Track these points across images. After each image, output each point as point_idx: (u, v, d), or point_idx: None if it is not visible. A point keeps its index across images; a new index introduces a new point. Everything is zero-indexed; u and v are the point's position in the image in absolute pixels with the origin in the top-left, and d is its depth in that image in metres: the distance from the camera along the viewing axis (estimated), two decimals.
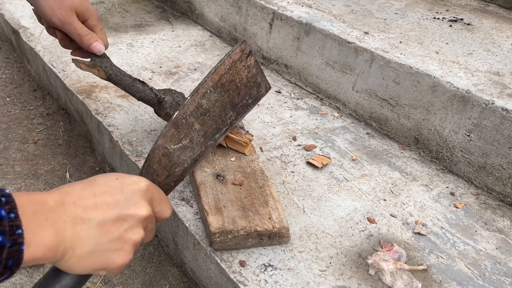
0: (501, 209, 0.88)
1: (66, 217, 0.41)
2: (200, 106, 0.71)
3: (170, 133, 0.66)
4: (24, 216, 0.36)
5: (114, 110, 1.08)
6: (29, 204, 0.38)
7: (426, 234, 0.80)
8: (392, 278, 0.71)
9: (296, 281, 0.69)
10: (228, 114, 0.76)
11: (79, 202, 0.43)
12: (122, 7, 1.72)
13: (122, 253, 0.46)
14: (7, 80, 1.52)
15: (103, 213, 0.44)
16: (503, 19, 1.29)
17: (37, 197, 0.40)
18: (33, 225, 0.37)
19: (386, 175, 0.94)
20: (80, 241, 0.42)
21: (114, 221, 0.45)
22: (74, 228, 0.41)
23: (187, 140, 0.68)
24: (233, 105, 0.77)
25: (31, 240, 0.36)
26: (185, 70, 1.30)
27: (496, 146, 0.88)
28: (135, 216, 0.47)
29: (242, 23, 1.39)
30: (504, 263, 0.76)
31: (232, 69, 0.75)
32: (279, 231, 0.72)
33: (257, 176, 0.81)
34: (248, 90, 0.79)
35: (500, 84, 0.93)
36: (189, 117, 0.69)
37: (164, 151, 0.65)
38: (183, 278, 0.87)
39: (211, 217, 0.71)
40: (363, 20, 1.23)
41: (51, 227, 0.39)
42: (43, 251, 0.38)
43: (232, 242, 0.71)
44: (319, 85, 1.21)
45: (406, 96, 1.01)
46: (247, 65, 0.78)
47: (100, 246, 0.44)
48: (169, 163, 0.66)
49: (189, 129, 0.69)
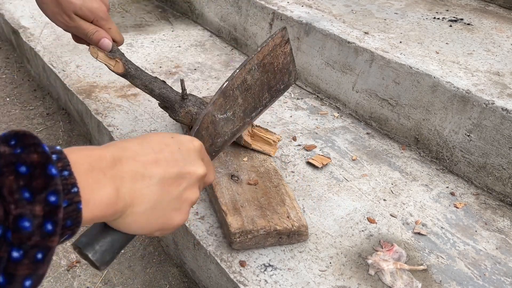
0: (501, 209, 0.88)
1: (125, 173, 0.39)
2: (245, 81, 0.73)
3: (219, 101, 0.68)
4: (80, 173, 0.34)
5: (114, 110, 1.08)
6: (84, 160, 0.36)
7: (426, 234, 0.80)
8: (392, 278, 0.71)
9: (296, 281, 0.69)
10: (264, 95, 0.78)
11: (138, 158, 0.41)
12: (122, 7, 1.72)
13: (180, 212, 0.45)
14: (7, 80, 1.52)
15: (164, 170, 0.42)
16: (503, 19, 1.29)
17: (93, 152, 0.37)
18: (90, 182, 0.35)
19: (386, 175, 0.94)
20: (140, 198, 0.40)
21: (174, 179, 0.43)
22: (134, 185, 0.39)
23: (230, 112, 0.71)
24: (269, 87, 0.79)
25: (89, 198, 0.34)
26: (185, 70, 1.30)
27: (496, 146, 0.88)
28: (193, 175, 0.46)
29: (242, 23, 1.39)
30: (504, 263, 0.76)
31: (273, 51, 0.77)
32: (298, 230, 0.73)
33: (271, 175, 0.82)
34: (282, 75, 0.81)
35: (500, 84, 0.93)
36: (235, 89, 0.71)
37: (212, 119, 0.67)
38: (183, 278, 0.87)
39: (230, 218, 0.71)
40: (363, 20, 1.23)
41: (109, 184, 0.37)
42: (102, 208, 0.36)
43: (251, 242, 0.71)
44: (319, 85, 1.21)
45: (406, 96, 1.01)
46: (284, 51, 0.80)
47: (160, 204, 0.42)
48: (214, 131, 0.67)
49: (234, 102, 0.71)
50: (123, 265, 0.89)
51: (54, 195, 0.30)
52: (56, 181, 0.31)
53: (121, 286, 0.85)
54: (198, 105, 0.85)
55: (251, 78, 0.74)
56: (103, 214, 0.36)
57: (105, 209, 0.36)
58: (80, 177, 0.34)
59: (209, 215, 0.80)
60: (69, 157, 0.33)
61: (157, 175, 0.42)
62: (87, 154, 0.36)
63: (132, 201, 0.39)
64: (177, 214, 0.44)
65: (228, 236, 0.72)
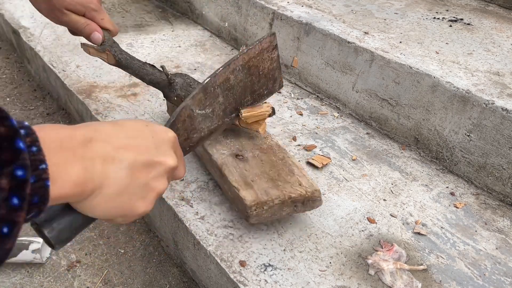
0: (501, 209, 0.88)
1: (95, 154, 0.38)
2: (227, 80, 0.73)
3: (198, 96, 0.67)
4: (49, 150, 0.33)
5: (114, 110, 1.08)
6: (54, 137, 0.35)
7: (426, 234, 0.80)
8: (392, 278, 0.71)
9: (296, 281, 0.69)
10: (246, 97, 0.78)
11: (110, 140, 0.40)
12: (122, 7, 1.72)
13: (145, 201, 0.44)
14: (7, 80, 1.52)
15: (134, 156, 0.42)
16: (503, 19, 1.29)
17: (64, 131, 0.36)
18: (59, 160, 0.34)
19: (386, 175, 0.94)
20: (108, 181, 0.39)
21: (144, 166, 0.43)
22: (104, 167, 0.39)
23: (210, 109, 0.70)
24: (252, 90, 0.79)
25: (57, 176, 0.33)
26: (185, 70, 1.30)
27: (496, 146, 0.88)
28: (163, 165, 0.45)
29: (242, 23, 1.39)
30: (504, 263, 0.76)
31: (259, 55, 0.77)
32: (312, 195, 0.73)
33: (274, 150, 0.83)
34: (266, 81, 0.81)
35: (500, 84, 0.93)
36: (217, 87, 0.71)
37: (189, 113, 0.66)
38: (183, 278, 0.87)
39: (243, 192, 0.72)
40: (363, 20, 1.23)
41: (79, 163, 0.36)
42: (70, 187, 0.35)
43: (268, 214, 0.72)
44: (319, 85, 1.21)
45: (406, 96, 1.01)
46: (271, 57, 0.80)
47: (127, 189, 0.41)
48: (190, 126, 0.66)
49: (214, 99, 0.71)
50: (123, 265, 0.89)
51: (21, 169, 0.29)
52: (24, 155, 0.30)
53: (121, 286, 0.85)
54: (185, 87, 0.86)
55: (234, 78, 0.74)
56: (71, 193, 0.36)
57: (73, 188, 0.36)
58: (49, 154, 0.33)
59: (209, 215, 0.80)
60: (38, 133, 0.33)
61: (127, 160, 0.41)
62: (57, 132, 0.36)
63: (100, 183, 0.39)
64: (142, 202, 0.44)
65: (243, 210, 0.72)
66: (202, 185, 0.86)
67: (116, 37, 1.45)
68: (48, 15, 0.79)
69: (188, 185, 0.86)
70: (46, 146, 0.33)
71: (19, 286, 0.84)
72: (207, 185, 0.86)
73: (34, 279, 0.85)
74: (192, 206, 0.81)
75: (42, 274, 0.86)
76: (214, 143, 0.84)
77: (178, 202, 0.82)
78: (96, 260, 0.90)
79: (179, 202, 0.82)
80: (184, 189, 0.85)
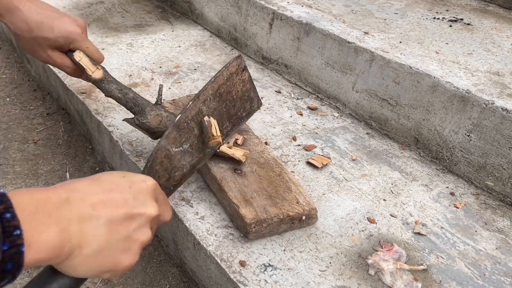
0: (501, 209, 0.88)
1: (71, 214, 0.38)
2: (200, 112, 0.72)
3: (172, 135, 0.67)
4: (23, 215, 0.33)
5: (114, 110, 1.08)
6: (29, 201, 0.35)
7: (426, 234, 0.80)
8: (392, 278, 0.71)
9: (296, 281, 0.69)
10: (224, 124, 0.78)
11: (86, 198, 0.40)
12: (122, 7, 1.72)
13: (130, 253, 0.44)
14: (7, 80, 1.52)
15: (112, 211, 0.42)
16: (503, 19, 1.29)
17: (39, 194, 0.37)
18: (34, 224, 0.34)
19: (386, 175, 0.94)
20: (87, 239, 0.39)
21: (123, 220, 0.43)
22: (81, 226, 0.39)
23: (187, 145, 0.69)
24: (229, 116, 0.79)
25: (32, 241, 0.33)
26: (185, 70, 1.30)
27: (496, 146, 0.88)
28: (143, 215, 0.45)
29: (242, 23, 1.39)
30: (504, 263, 0.76)
31: (229, 80, 0.78)
32: (309, 213, 0.76)
33: (271, 164, 0.84)
34: (242, 103, 0.82)
35: (500, 84, 0.94)
36: (190, 121, 0.70)
37: (166, 153, 0.65)
38: (183, 278, 0.87)
39: (243, 210, 0.73)
40: (363, 20, 1.23)
41: (55, 225, 0.36)
42: (46, 251, 0.35)
43: (266, 230, 0.74)
44: (319, 85, 1.21)
45: (406, 96, 1.01)
46: (242, 79, 0.81)
47: (108, 245, 0.41)
48: (170, 165, 0.66)
49: (189, 133, 0.70)
50: None
51: None
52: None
53: (121, 286, 0.85)
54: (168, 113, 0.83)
55: (207, 108, 0.73)
56: (48, 256, 0.35)
57: (50, 251, 0.35)
58: (24, 219, 0.33)
59: (209, 215, 0.80)
60: (13, 199, 0.33)
61: (104, 216, 0.41)
62: (31, 196, 0.36)
63: (79, 243, 0.38)
64: (126, 255, 0.43)
65: (243, 227, 0.73)
66: (202, 185, 0.86)
67: (117, 37, 1.46)
68: (34, 54, 0.81)
69: (188, 185, 0.86)
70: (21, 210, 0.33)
71: (19, 286, 0.84)
72: (207, 185, 0.86)
73: None
74: (192, 206, 0.81)
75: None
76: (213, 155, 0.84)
77: (178, 202, 0.82)
78: None
79: (179, 202, 0.82)
80: (184, 189, 0.85)
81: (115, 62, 1.30)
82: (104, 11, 1.67)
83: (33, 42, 0.78)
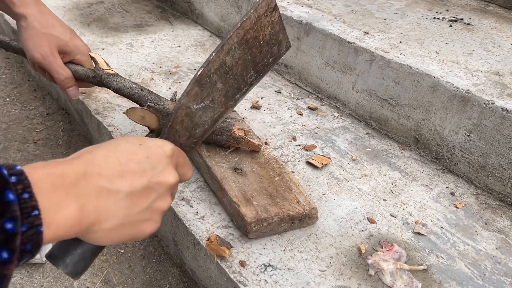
0: (501, 209, 0.88)
1: (89, 189, 0.37)
2: (224, 64, 0.67)
3: (193, 91, 0.63)
4: (41, 194, 0.32)
5: (114, 110, 1.08)
6: (46, 179, 0.34)
7: (426, 234, 0.80)
8: (392, 278, 0.71)
9: (296, 281, 0.69)
10: (249, 73, 0.72)
11: (103, 173, 0.39)
12: (122, 7, 1.72)
13: (151, 222, 0.43)
14: (7, 80, 1.52)
15: (130, 183, 0.41)
16: (503, 19, 1.29)
17: (56, 170, 0.36)
18: (52, 202, 0.33)
19: (386, 175, 0.94)
20: (107, 214, 0.39)
21: (142, 191, 0.42)
22: (100, 201, 0.38)
23: (209, 100, 0.66)
24: (254, 64, 0.72)
25: (51, 220, 0.33)
26: (185, 70, 1.30)
27: (496, 146, 0.88)
28: (163, 184, 0.44)
29: None
30: (504, 263, 0.76)
31: (257, 24, 0.71)
32: (310, 213, 0.76)
33: (272, 165, 0.84)
34: (270, 48, 0.75)
35: (500, 84, 0.93)
36: (212, 75, 0.66)
37: (187, 111, 0.63)
38: (183, 278, 0.87)
39: (243, 209, 0.73)
40: (363, 20, 1.23)
41: (73, 202, 0.35)
42: (65, 229, 0.35)
43: (266, 229, 0.74)
44: (319, 85, 1.21)
45: (406, 96, 1.01)
46: (271, 20, 0.73)
47: (129, 218, 0.41)
48: (191, 123, 0.63)
49: (212, 88, 0.66)
50: (123, 265, 0.89)
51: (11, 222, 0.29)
52: (13, 208, 0.29)
53: (121, 286, 0.85)
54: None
55: (231, 59, 0.68)
56: (67, 234, 0.35)
57: (68, 229, 0.35)
58: (42, 197, 0.33)
59: (209, 215, 0.80)
60: (30, 177, 0.32)
61: (123, 189, 0.40)
62: (49, 173, 0.35)
63: (98, 218, 0.38)
64: (148, 224, 0.43)
65: (243, 226, 0.73)
66: (202, 185, 0.86)
67: (117, 37, 1.46)
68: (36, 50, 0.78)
69: (188, 185, 0.86)
70: (38, 189, 0.33)
71: (19, 286, 0.84)
72: (207, 185, 0.86)
73: (34, 279, 0.85)
74: (192, 206, 0.81)
75: (42, 274, 0.86)
76: (213, 155, 0.84)
77: (178, 202, 0.82)
78: (96, 260, 0.89)
79: (179, 202, 0.82)
80: (184, 189, 0.85)
81: (115, 62, 1.30)
82: (104, 11, 1.67)
83: (42, 37, 0.77)
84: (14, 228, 0.29)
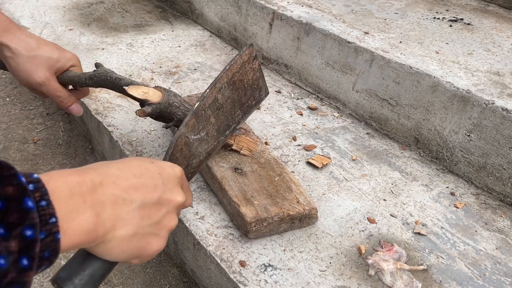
0: (501, 209, 0.88)
1: (105, 198, 0.38)
2: (216, 100, 0.74)
3: (191, 123, 0.68)
4: (59, 201, 0.33)
5: (114, 110, 1.08)
6: (63, 187, 0.35)
7: (426, 234, 0.80)
8: (392, 278, 0.71)
9: (296, 281, 0.69)
10: (236, 112, 0.79)
11: (119, 182, 0.41)
12: (122, 7, 1.72)
13: (159, 238, 0.44)
14: (7, 80, 1.52)
15: (144, 195, 0.42)
16: (503, 19, 1.29)
17: (72, 178, 0.36)
18: (69, 209, 0.34)
19: (386, 175, 0.94)
20: (121, 223, 0.40)
21: (154, 205, 0.43)
22: (115, 209, 0.39)
23: (204, 132, 0.71)
24: (241, 104, 0.80)
25: (67, 227, 0.33)
26: (185, 70, 1.30)
27: (496, 146, 0.88)
28: (172, 202, 0.46)
29: (242, 23, 1.39)
30: (504, 263, 0.76)
31: (242, 69, 0.79)
32: (310, 213, 0.76)
33: (272, 164, 0.85)
34: (252, 91, 0.83)
35: (500, 84, 0.93)
36: (207, 109, 0.72)
37: (185, 140, 0.67)
38: (183, 278, 0.87)
39: (243, 208, 0.73)
40: (363, 20, 1.23)
41: (89, 210, 0.36)
42: (82, 236, 0.35)
43: (266, 229, 0.74)
44: (319, 85, 1.21)
45: (406, 96, 1.01)
46: (253, 67, 0.82)
47: (141, 229, 0.42)
48: (188, 153, 0.67)
49: (206, 122, 0.72)
50: (123, 265, 0.89)
51: (30, 229, 0.29)
52: (33, 215, 0.30)
53: (121, 286, 0.85)
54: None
55: (222, 96, 0.75)
56: (83, 241, 0.36)
57: (85, 236, 0.36)
58: (59, 205, 0.33)
59: (209, 215, 0.80)
60: (47, 185, 0.33)
61: (137, 200, 0.41)
62: (65, 180, 0.36)
63: (113, 226, 0.39)
64: (156, 239, 0.44)
65: (243, 226, 0.73)
66: (202, 185, 0.86)
67: (117, 37, 1.45)
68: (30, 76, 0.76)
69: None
70: (55, 196, 0.33)
71: None
72: (207, 185, 0.86)
73: (34, 279, 0.85)
74: (192, 206, 0.81)
75: (42, 274, 0.86)
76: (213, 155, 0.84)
77: None
78: None
79: None
80: None
81: (115, 62, 1.30)
82: (104, 11, 1.67)
83: (31, 61, 0.75)
84: (34, 235, 0.30)
